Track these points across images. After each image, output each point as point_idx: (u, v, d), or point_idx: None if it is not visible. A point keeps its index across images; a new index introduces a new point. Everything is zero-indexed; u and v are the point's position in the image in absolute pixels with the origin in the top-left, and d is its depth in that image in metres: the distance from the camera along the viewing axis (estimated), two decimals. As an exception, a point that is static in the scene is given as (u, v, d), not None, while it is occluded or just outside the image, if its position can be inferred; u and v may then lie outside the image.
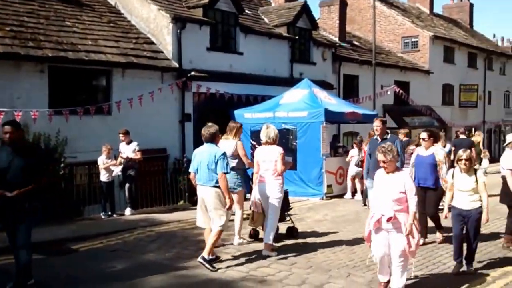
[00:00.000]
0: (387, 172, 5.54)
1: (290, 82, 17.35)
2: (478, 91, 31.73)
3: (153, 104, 13.84)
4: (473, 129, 29.60)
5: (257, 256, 7.23)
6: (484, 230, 8.60)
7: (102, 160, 10.97)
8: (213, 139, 6.87)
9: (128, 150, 11.17)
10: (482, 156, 19.34)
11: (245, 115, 14.35)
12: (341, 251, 7.56)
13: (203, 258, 6.63)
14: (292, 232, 8.46)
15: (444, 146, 12.88)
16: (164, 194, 12.58)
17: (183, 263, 7.01)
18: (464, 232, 6.45)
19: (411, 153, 8.69)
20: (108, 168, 11.04)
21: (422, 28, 29.32)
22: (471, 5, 40.00)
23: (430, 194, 7.72)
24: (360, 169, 11.77)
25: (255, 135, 11.65)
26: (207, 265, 6.60)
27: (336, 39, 23.68)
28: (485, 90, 33.68)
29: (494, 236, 8.48)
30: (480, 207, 6.32)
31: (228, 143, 7.91)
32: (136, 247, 8.01)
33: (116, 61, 13.72)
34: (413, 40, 29.14)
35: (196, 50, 15.74)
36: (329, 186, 13.20)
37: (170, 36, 15.28)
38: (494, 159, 21.12)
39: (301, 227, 8.88)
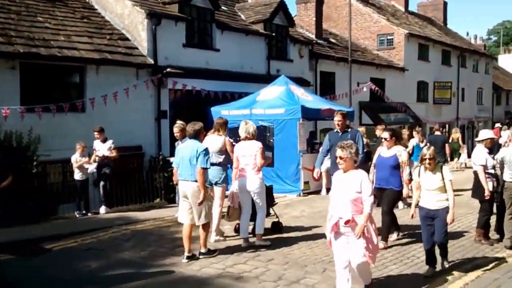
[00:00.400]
0: (344, 171, 5.31)
1: (267, 79, 17.32)
2: (451, 88, 32.27)
3: (128, 101, 13.67)
4: (446, 126, 30.23)
5: (233, 253, 7.23)
6: (457, 224, 8.78)
7: (75, 158, 10.82)
8: (197, 135, 7.00)
9: (104, 148, 11.02)
10: (460, 151, 19.80)
11: (222, 112, 14.26)
12: (317, 247, 7.59)
13: (201, 253, 6.96)
14: (277, 226, 8.62)
15: (422, 142, 13.11)
16: (140, 192, 12.44)
17: (159, 261, 6.96)
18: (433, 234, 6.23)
19: None
20: (82, 166, 10.89)
21: (397, 25, 29.66)
22: (445, 4, 40.64)
23: (388, 192, 7.47)
24: None
25: (232, 132, 11.58)
26: (208, 256, 6.96)
27: (313, 36, 23.77)
28: (458, 87, 34.29)
29: (466, 230, 8.66)
30: (448, 206, 6.13)
31: (217, 139, 7.96)
32: (111, 245, 7.91)
33: (89, 58, 13.50)
34: (389, 37, 29.43)
35: (172, 47, 15.60)
36: (306, 183, 13.25)
37: (145, 32, 15.10)
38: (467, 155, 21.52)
39: (278, 224, 8.91)
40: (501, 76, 46.10)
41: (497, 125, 25.26)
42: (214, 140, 7.88)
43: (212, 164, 7.24)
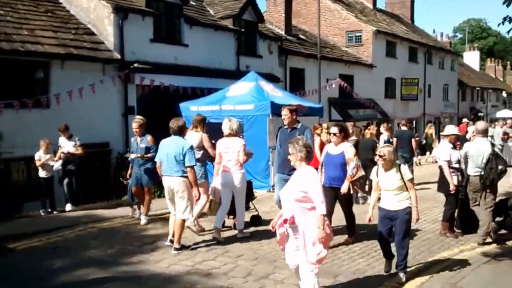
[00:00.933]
0: (294, 167, 4.99)
1: (236, 74, 17.27)
2: (418, 85, 32.90)
3: (94, 96, 13.43)
4: (413, 122, 30.79)
5: (203, 249, 7.19)
6: (423, 218, 8.93)
7: (39, 156, 10.52)
8: (181, 132, 7.12)
9: (69, 145, 10.76)
10: (433, 145, 20.27)
11: (191, 108, 14.14)
12: (286, 242, 7.60)
13: (176, 249, 7.04)
14: (256, 220, 8.83)
15: (392, 138, 13.29)
16: (107, 190, 12.23)
17: (127, 259, 6.85)
18: (391, 235, 5.94)
19: None
20: (46, 164, 10.60)
21: (365, 22, 30.00)
22: (412, 1, 41.41)
23: (342, 194, 7.14)
24: None
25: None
26: (183, 251, 7.06)
27: (283, 33, 23.82)
28: (425, 83, 34.97)
29: (432, 223, 8.83)
30: (409, 207, 5.78)
31: (195, 135, 8.10)
32: (77, 244, 7.75)
33: (54, 52, 13.17)
34: (357, 34, 29.77)
35: (139, 42, 15.37)
36: (276, 178, 13.25)
37: (112, 26, 14.82)
38: (433, 150, 22.00)
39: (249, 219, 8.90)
40: (466, 73, 47.27)
41: (464, 120, 25.93)
42: (192, 137, 7.96)
43: None
